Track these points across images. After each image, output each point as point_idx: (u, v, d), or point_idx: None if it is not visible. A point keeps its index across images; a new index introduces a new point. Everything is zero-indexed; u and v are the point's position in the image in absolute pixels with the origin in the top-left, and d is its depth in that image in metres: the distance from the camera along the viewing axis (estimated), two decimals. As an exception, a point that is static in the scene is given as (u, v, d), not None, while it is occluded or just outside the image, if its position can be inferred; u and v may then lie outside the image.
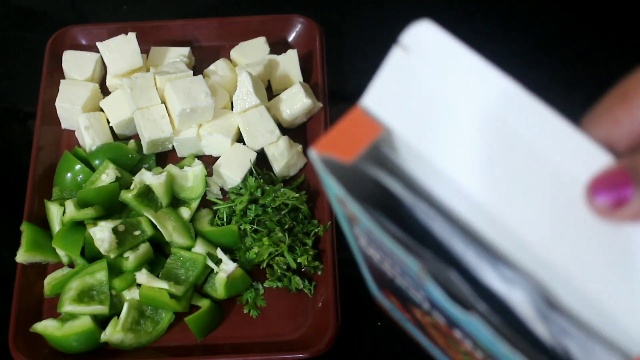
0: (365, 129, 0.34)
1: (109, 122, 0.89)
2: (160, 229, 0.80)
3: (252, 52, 0.94)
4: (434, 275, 0.33)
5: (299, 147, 0.88)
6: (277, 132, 0.86)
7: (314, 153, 0.34)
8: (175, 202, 0.85)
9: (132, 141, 0.89)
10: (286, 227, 0.81)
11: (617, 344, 0.30)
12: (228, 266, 0.79)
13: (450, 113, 0.33)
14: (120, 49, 0.90)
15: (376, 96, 0.34)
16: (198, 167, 0.85)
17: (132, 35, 0.90)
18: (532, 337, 0.34)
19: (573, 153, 0.32)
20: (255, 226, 0.82)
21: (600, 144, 0.32)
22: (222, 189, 0.87)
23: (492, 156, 0.33)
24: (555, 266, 0.31)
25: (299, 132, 0.90)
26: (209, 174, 0.87)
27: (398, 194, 0.35)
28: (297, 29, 0.96)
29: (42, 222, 0.84)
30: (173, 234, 0.81)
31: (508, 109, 0.32)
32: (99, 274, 0.79)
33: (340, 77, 0.97)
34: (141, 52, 0.91)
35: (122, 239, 0.78)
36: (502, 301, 0.34)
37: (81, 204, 0.81)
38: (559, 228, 0.31)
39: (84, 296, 0.78)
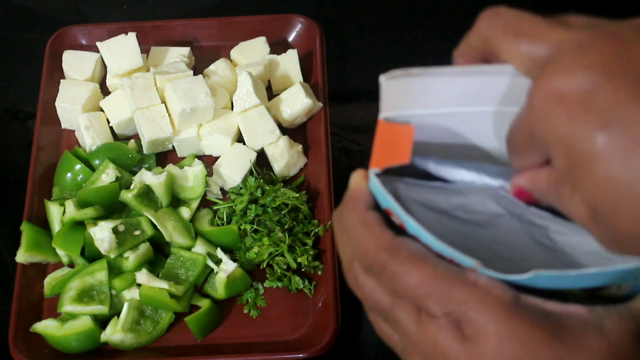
0: (401, 133, 0.39)
1: (109, 122, 0.89)
2: (160, 229, 0.80)
3: (252, 52, 0.94)
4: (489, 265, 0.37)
5: (299, 147, 0.88)
6: (277, 132, 0.86)
7: (373, 171, 0.39)
8: (175, 202, 0.85)
9: (132, 141, 0.89)
10: (286, 227, 0.81)
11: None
12: (228, 266, 0.79)
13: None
14: (120, 49, 0.90)
15: (388, 107, 0.40)
16: (198, 167, 0.85)
17: (132, 35, 0.90)
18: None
19: None
20: (255, 226, 0.82)
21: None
22: (222, 189, 0.87)
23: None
24: None
25: (299, 132, 0.90)
26: (209, 174, 0.87)
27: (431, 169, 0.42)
28: (297, 29, 0.96)
29: (42, 222, 0.84)
30: (173, 233, 0.81)
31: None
32: (99, 274, 0.79)
33: (340, 77, 0.97)
34: (141, 52, 0.91)
35: (122, 239, 0.78)
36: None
37: (81, 204, 0.81)
38: None
39: (84, 296, 0.78)
